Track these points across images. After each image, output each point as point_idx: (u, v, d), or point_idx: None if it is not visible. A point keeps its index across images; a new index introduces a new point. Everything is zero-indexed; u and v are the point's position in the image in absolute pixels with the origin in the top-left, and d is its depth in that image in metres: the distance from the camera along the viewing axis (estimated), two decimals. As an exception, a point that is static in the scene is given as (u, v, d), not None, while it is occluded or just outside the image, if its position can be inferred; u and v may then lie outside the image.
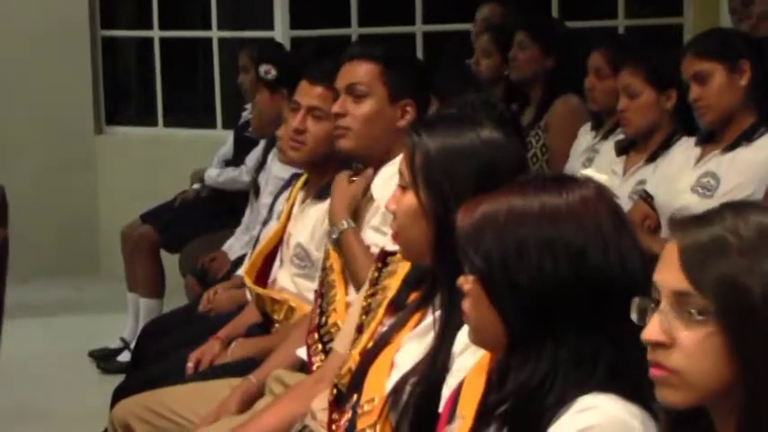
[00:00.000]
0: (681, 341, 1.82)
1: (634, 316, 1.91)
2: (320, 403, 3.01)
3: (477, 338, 2.28)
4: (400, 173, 2.69)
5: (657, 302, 1.86)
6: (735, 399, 1.82)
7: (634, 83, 4.75)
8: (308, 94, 4.03)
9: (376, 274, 3.06)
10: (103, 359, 6.42)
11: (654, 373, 1.85)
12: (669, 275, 1.84)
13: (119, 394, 4.09)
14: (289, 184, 4.56)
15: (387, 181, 3.50)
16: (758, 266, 1.79)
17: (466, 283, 2.24)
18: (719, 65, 4.34)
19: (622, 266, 2.14)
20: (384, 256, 3.07)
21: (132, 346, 5.60)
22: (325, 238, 3.75)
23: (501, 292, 2.18)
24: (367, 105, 3.63)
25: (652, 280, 1.88)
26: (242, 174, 6.27)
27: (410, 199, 2.65)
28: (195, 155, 7.26)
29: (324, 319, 3.55)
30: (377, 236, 3.47)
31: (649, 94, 4.74)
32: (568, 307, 2.13)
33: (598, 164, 4.99)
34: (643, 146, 4.85)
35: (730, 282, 1.79)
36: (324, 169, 4.03)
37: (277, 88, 5.34)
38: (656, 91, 4.73)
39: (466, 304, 2.24)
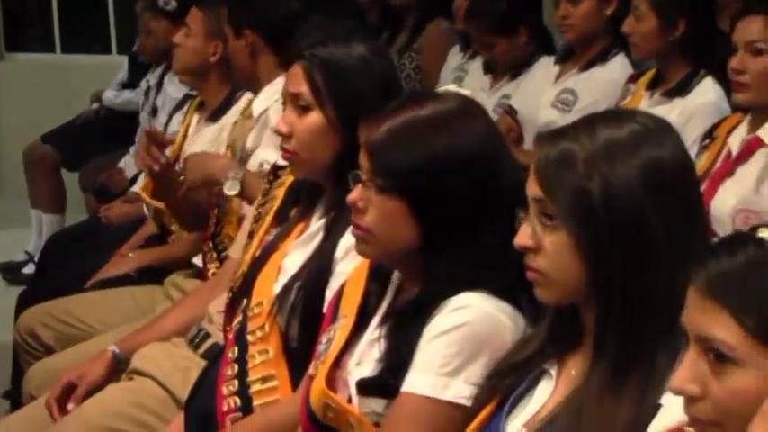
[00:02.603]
0: (543, 244, 1.85)
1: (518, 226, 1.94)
2: (217, 306, 3.01)
3: (385, 252, 2.23)
4: (296, 94, 2.61)
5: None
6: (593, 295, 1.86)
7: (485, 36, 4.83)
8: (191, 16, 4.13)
9: (267, 186, 3.04)
10: (9, 271, 6.39)
11: (528, 275, 1.89)
12: (531, 184, 1.87)
13: (23, 301, 4.06)
14: (183, 104, 4.59)
15: (267, 101, 3.56)
16: (598, 171, 1.82)
17: (363, 200, 2.19)
18: None
19: (510, 173, 2.15)
20: (275, 170, 3.04)
21: (36, 258, 5.56)
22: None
23: (428, 203, 2.15)
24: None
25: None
26: (138, 96, 6.20)
27: (313, 118, 2.59)
28: (93, 80, 7.14)
29: (218, 228, 3.55)
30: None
31: (501, 42, 4.79)
32: (471, 213, 2.13)
33: (468, 82, 5.01)
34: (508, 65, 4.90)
35: (573, 186, 1.82)
36: (206, 85, 4.10)
37: (178, 19, 5.28)
38: (507, 37, 4.78)
39: (369, 221, 2.19)
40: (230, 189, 3.39)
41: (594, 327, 1.87)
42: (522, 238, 1.88)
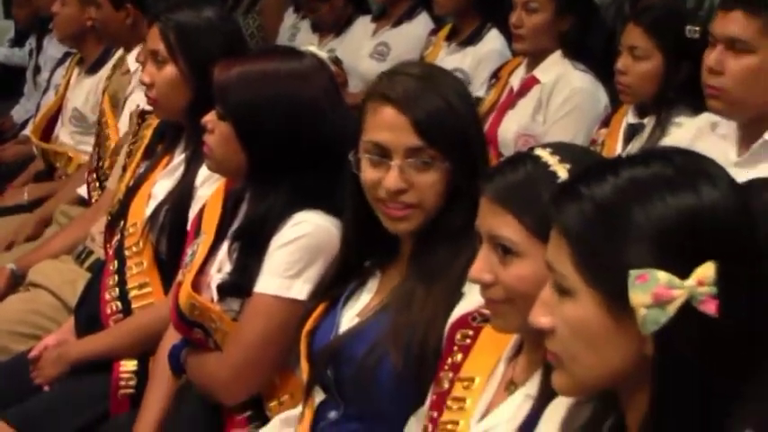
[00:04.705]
0: (418, 184, 1.81)
1: (352, 167, 1.87)
2: (98, 228, 2.96)
3: (218, 168, 2.25)
4: (155, 51, 2.58)
5: (384, 155, 1.82)
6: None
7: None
8: None
9: (136, 128, 2.98)
10: None
11: (397, 213, 1.83)
12: (400, 136, 1.81)
13: None
14: (63, 60, 4.48)
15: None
16: (447, 89, 1.83)
17: (212, 122, 2.18)
18: None
19: (343, 121, 2.11)
20: (143, 114, 2.97)
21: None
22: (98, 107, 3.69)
23: (251, 135, 2.13)
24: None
25: (364, 138, 1.85)
26: (26, 53, 5.99)
27: (168, 71, 2.56)
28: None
29: (100, 163, 3.47)
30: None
31: (324, 6, 4.75)
32: (302, 151, 2.10)
33: (300, 39, 4.95)
34: (333, 25, 4.86)
35: (443, 117, 1.80)
36: (85, 44, 3.95)
37: None
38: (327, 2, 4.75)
39: (212, 140, 2.18)
40: None
41: (420, 241, 1.86)
42: (395, 183, 1.81)
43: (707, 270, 1.14)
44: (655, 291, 1.14)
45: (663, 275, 1.14)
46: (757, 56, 2.34)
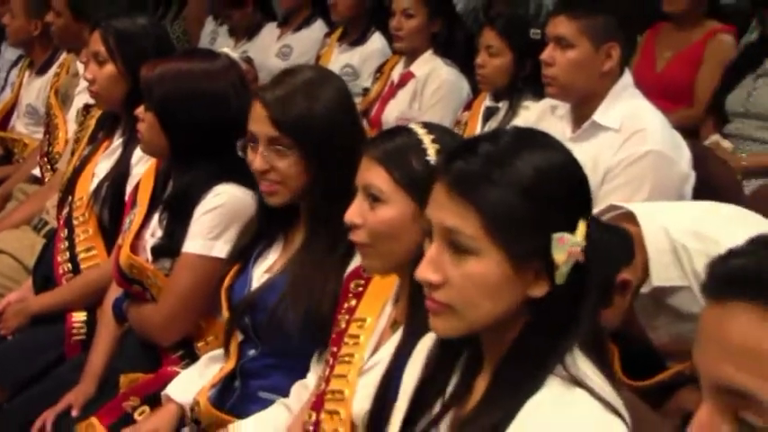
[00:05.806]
0: (278, 167, 1.78)
1: (240, 152, 1.87)
2: (51, 202, 2.88)
3: (148, 150, 2.20)
4: (96, 52, 2.51)
5: (254, 142, 1.80)
6: None
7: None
8: None
9: (82, 118, 2.91)
10: None
11: (267, 189, 1.81)
12: (262, 126, 1.79)
13: None
14: (17, 63, 4.29)
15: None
16: (321, 94, 1.79)
17: (142, 113, 2.13)
18: None
19: (245, 113, 2.05)
20: (87, 108, 2.91)
21: None
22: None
23: (170, 124, 2.09)
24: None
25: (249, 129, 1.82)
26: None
27: (108, 69, 2.49)
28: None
29: (50, 148, 3.35)
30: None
31: (236, 12, 4.61)
32: (213, 136, 2.05)
33: (219, 43, 4.84)
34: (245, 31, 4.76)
35: (300, 115, 1.77)
36: (33, 49, 3.81)
37: None
38: (239, 8, 4.62)
39: (142, 127, 2.14)
40: None
41: (311, 212, 1.83)
42: (259, 164, 1.80)
43: (584, 227, 1.17)
44: (569, 249, 1.16)
45: (570, 237, 1.16)
46: (577, 50, 2.39)
